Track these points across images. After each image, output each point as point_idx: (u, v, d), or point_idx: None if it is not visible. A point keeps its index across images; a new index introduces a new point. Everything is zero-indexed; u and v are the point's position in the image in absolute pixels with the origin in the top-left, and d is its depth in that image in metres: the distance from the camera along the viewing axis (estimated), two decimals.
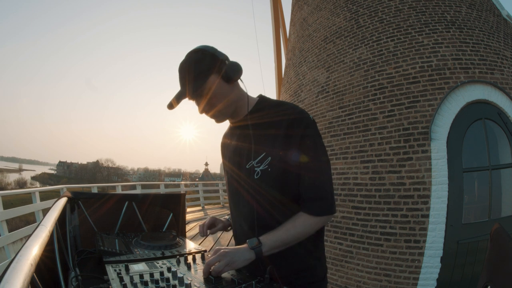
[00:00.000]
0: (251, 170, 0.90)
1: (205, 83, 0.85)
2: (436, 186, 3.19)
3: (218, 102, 0.88)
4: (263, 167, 0.87)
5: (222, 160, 1.11)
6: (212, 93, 0.86)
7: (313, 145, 0.86)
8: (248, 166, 0.91)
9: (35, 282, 0.51)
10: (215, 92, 0.87)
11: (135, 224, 1.45)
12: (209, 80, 0.85)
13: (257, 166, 0.88)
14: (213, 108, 0.89)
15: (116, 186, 8.27)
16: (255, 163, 0.89)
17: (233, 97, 0.91)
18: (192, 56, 0.87)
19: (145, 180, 74.35)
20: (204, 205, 10.12)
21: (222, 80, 0.87)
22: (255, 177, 0.88)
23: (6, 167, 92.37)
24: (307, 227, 0.85)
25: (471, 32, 3.75)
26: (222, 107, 0.90)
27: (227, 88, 0.88)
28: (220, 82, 0.87)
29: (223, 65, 0.86)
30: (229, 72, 0.86)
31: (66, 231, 1.19)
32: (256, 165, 0.89)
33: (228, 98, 0.89)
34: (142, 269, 0.84)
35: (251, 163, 0.90)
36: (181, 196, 1.57)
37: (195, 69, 0.85)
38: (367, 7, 4.29)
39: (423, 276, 3.06)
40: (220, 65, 0.86)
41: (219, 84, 0.87)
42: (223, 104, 0.89)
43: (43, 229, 0.69)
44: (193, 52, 0.87)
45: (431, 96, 3.44)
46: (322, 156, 0.87)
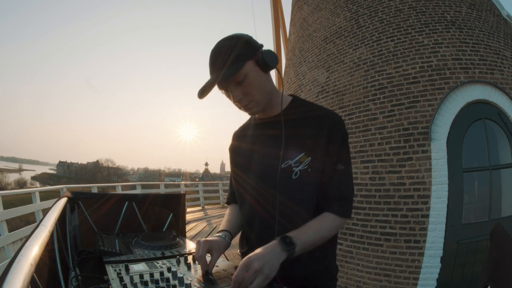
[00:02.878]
0: (288, 169, 0.86)
1: (241, 68, 0.79)
2: (436, 186, 3.19)
3: (254, 91, 0.83)
4: (302, 167, 0.84)
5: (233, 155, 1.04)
6: (248, 79, 0.81)
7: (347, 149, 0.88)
8: (284, 165, 0.86)
9: (35, 282, 0.51)
10: (252, 79, 0.82)
11: (135, 224, 1.45)
12: (246, 66, 0.80)
13: (295, 166, 0.85)
14: (248, 97, 0.84)
15: (116, 186, 8.28)
16: (293, 163, 0.85)
17: (269, 88, 0.87)
18: (226, 42, 0.82)
19: (145, 180, 74.36)
20: (204, 205, 10.12)
21: (259, 67, 0.83)
22: (293, 177, 0.85)
23: (6, 167, 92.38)
24: (333, 228, 0.85)
25: (471, 32, 3.75)
26: (258, 96, 0.85)
27: (264, 77, 0.84)
28: (257, 70, 0.82)
29: (260, 52, 0.82)
30: (267, 59, 0.82)
31: (66, 231, 1.19)
32: (294, 164, 0.85)
33: (264, 87, 0.85)
34: (142, 269, 0.84)
35: (288, 163, 0.86)
36: (181, 196, 1.57)
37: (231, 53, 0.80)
38: (367, 7, 4.29)
39: (423, 276, 3.06)
40: (255, 52, 0.82)
41: (256, 71, 0.82)
42: (260, 93, 0.84)
43: (43, 229, 0.69)
44: (227, 38, 0.83)
45: (431, 96, 3.44)
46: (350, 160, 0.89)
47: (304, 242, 0.77)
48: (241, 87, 0.82)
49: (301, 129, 0.88)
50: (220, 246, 0.86)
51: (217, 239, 0.88)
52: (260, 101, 0.86)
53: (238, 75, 0.80)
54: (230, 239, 0.92)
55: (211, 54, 0.83)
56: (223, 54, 0.80)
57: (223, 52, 0.80)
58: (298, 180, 0.85)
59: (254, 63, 0.82)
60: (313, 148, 0.85)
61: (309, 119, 0.88)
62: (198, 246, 0.81)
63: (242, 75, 0.80)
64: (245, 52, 0.81)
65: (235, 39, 0.82)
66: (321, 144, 0.84)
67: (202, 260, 0.79)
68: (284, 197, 0.86)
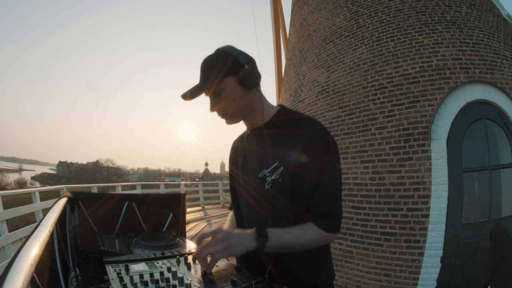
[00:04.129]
0: (263, 179, 0.88)
1: (219, 83, 0.85)
2: (436, 186, 3.19)
3: (228, 105, 0.88)
4: (274, 177, 0.86)
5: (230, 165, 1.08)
6: (224, 94, 0.86)
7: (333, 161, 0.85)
8: (260, 175, 0.89)
9: (35, 282, 0.51)
10: (228, 94, 0.86)
11: (135, 224, 1.45)
12: (224, 81, 0.85)
13: (268, 175, 0.87)
14: (223, 109, 0.89)
15: (116, 186, 8.27)
16: (267, 172, 0.87)
17: (246, 103, 0.89)
18: (214, 54, 0.87)
19: (145, 180, 74.37)
20: (204, 205, 10.12)
21: (238, 84, 0.86)
22: (266, 187, 0.87)
23: (6, 167, 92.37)
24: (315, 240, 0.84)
25: (471, 32, 3.75)
26: (232, 110, 0.89)
27: (242, 93, 0.87)
28: (236, 86, 0.86)
29: (242, 70, 0.85)
30: (246, 78, 0.85)
31: (66, 231, 1.19)
32: (268, 174, 0.87)
33: (240, 103, 0.88)
34: (142, 269, 0.84)
35: (264, 172, 0.88)
36: (181, 196, 1.57)
37: (213, 67, 0.85)
38: (367, 7, 4.29)
39: (423, 276, 3.06)
40: (238, 69, 0.85)
41: (234, 87, 0.86)
42: (234, 108, 0.89)
43: (43, 229, 0.69)
44: (218, 50, 0.88)
45: (431, 96, 3.44)
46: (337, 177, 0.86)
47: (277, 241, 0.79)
48: (217, 99, 0.88)
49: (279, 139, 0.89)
50: None
51: None
52: (232, 115, 0.90)
53: (215, 88, 0.86)
54: None
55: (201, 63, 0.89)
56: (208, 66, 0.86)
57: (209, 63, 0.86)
58: (271, 190, 0.86)
59: (235, 79, 0.86)
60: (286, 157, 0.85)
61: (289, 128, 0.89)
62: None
63: (219, 89, 0.86)
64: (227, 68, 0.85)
65: (223, 54, 0.86)
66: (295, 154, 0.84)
67: (202, 260, 0.79)
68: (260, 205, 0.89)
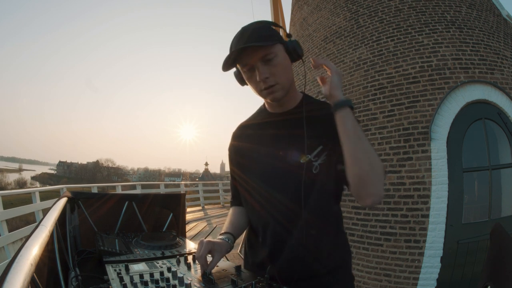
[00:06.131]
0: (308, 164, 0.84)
1: (273, 46, 0.79)
2: (436, 186, 3.19)
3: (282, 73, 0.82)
4: (321, 161, 0.84)
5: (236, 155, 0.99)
6: (278, 60, 0.80)
7: None
8: (303, 160, 0.84)
9: (35, 282, 0.51)
10: (281, 61, 0.81)
11: (135, 224, 1.45)
12: (276, 46, 0.80)
13: (314, 160, 0.84)
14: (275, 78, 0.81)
15: (116, 186, 8.28)
16: (312, 157, 0.84)
17: (292, 76, 0.87)
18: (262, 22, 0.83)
19: (145, 180, 74.34)
20: (204, 205, 10.12)
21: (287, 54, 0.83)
22: (314, 172, 0.83)
23: (6, 167, 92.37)
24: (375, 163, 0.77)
25: (471, 32, 3.75)
26: (284, 80, 0.83)
27: (289, 64, 0.84)
28: (286, 56, 0.83)
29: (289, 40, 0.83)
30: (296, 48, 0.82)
31: (66, 231, 1.19)
32: (313, 159, 0.84)
33: (290, 74, 0.85)
34: (142, 269, 0.84)
35: (308, 157, 0.84)
36: (181, 196, 1.57)
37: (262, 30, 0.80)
38: (367, 7, 4.28)
39: (423, 276, 3.06)
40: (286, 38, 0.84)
41: (284, 56, 0.82)
42: (286, 78, 0.83)
43: (43, 229, 0.69)
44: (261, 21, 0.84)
45: (431, 96, 3.44)
46: None
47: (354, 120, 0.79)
48: (268, 66, 0.79)
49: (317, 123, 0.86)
50: (222, 248, 0.84)
51: (220, 241, 0.86)
52: (284, 86, 0.83)
53: (268, 51, 0.78)
54: (233, 242, 0.90)
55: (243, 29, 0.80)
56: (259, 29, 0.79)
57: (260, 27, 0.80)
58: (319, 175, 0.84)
59: (283, 48, 0.82)
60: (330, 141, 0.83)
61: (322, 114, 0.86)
62: (200, 246, 0.81)
63: (272, 53, 0.79)
64: (276, 34, 0.81)
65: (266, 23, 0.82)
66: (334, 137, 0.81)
67: (202, 260, 0.79)
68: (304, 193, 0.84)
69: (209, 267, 0.79)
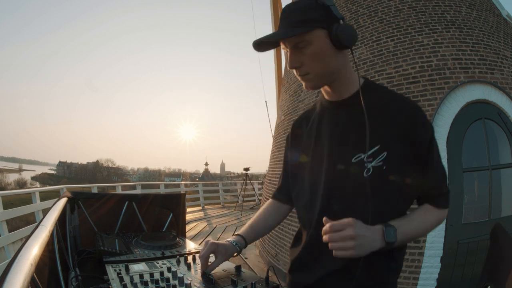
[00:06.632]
0: (360, 165, 0.72)
1: (306, 33, 0.70)
2: None
3: (313, 62, 0.72)
4: (376, 164, 0.71)
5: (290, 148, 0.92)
6: (312, 48, 0.71)
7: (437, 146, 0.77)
8: (355, 160, 0.73)
9: (35, 282, 0.51)
10: (316, 50, 0.71)
11: (135, 224, 1.45)
12: (313, 33, 0.70)
13: (367, 161, 0.72)
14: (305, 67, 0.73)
15: (116, 186, 8.28)
16: (366, 158, 0.72)
17: (334, 65, 0.74)
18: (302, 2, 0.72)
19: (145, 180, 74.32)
20: (204, 205, 10.12)
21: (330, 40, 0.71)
22: (365, 175, 0.72)
23: (6, 167, 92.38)
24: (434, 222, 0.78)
25: (471, 32, 3.75)
26: (317, 70, 0.73)
27: (331, 52, 0.72)
28: (327, 42, 0.71)
29: (336, 24, 0.70)
30: (339, 34, 0.70)
31: (66, 231, 1.19)
32: (366, 160, 0.72)
33: (327, 63, 0.73)
34: (142, 269, 0.84)
35: (360, 157, 0.73)
36: (181, 196, 1.57)
37: (302, 13, 0.71)
38: (367, 7, 4.29)
39: (423, 276, 3.06)
40: (332, 23, 0.71)
41: (324, 43, 0.71)
42: (319, 68, 0.73)
43: (43, 229, 0.69)
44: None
45: (431, 96, 3.44)
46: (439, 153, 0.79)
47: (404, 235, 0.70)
48: (300, 53, 0.72)
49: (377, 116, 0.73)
50: (226, 252, 0.82)
51: (225, 243, 0.84)
52: (319, 76, 0.74)
53: (300, 39, 0.71)
54: (241, 246, 0.86)
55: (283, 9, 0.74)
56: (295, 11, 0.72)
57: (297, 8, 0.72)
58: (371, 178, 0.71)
59: (325, 34, 0.71)
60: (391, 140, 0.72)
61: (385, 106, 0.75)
62: (205, 246, 0.82)
63: (304, 41, 0.71)
64: (318, 18, 0.70)
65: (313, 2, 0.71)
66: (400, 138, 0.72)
67: (203, 260, 0.79)
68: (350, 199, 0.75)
69: (208, 268, 0.79)
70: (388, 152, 0.71)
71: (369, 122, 0.72)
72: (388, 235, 0.67)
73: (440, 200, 0.79)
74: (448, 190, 0.81)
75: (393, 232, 0.68)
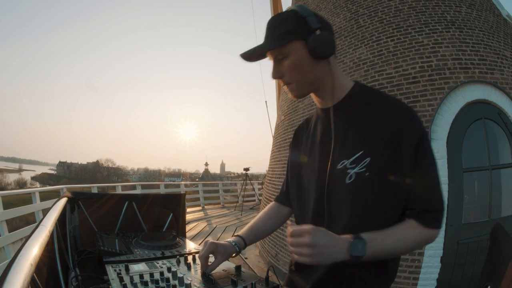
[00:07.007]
0: (343, 171, 0.72)
1: (284, 47, 0.73)
2: None
3: (293, 73, 0.75)
4: (358, 170, 0.70)
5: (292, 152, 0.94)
6: (290, 60, 0.74)
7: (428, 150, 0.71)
8: (340, 166, 0.73)
9: (35, 282, 0.51)
10: (293, 61, 0.74)
11: (135, 224, 1.45)
12: (290, 45, 0.73)
13: (350, 167, 0.72)
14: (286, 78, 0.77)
15: (116, 186, 8.28)
16: (348, 164, 0.72)
17: (314, 75, 0.76)
18: (283, 13, 0.75)
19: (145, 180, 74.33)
20: (204, 205, 10.12)
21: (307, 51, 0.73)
22: (347, 182, 0.71)
23: (6, 167, 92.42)
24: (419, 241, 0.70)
25: (471, 32, 3.75)
26: (297, 81, 0.76)
27: (309, 63, 0.74)
28: (304, 53, 0.73)
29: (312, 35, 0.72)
30: (315, 45, 0.71)
31: (66, 231, 1.19)
32: (349, 166, 0.72)
33: (306, 74, 0.75)
34: (142, 269, 0.84)
35: (344, 163, 0.73)
36: (181, 196, 1.57)
37: (279, 27, 0.74)
38: (367, 7, 4.29)
39: (423, 276, 3.06)
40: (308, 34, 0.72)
41: (301, 54, 0.73)
42: (299, 78, 0.76)
43: (43, 229, 0.69)
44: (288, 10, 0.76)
45: (431, 96, 3.44)
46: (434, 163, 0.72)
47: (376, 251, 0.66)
48: (280, 65, 0.76)
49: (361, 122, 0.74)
50: (226, 251, 0.83)
51: (225, 243, 0.85)
52: (299, 86, 0.77)
53: (278, 52, 0.74)
54: (240, 247, 0.88)
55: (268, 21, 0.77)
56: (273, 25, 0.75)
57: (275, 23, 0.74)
58: (353, 185, 0.71)
59: (303, 45, 0.73)
60: (374, 146, 0.70)
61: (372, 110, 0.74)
62: (204, 246, 0.82)
63: (282, 53, 0.74)
64: (295, 30, 0.72)
65: (293, 13, 0.74)
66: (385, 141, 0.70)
67: (203, 260, 0.80)
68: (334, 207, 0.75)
69: (208, 268, 0.80)
70: (372, 157, 0.70)
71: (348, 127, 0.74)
72: (354, 249, 0.64)
73: (427, 217, 0.70)
74: (440, 208, 0.71)
75: (361, 246, 0.64)
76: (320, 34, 0.72)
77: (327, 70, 0.77)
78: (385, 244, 0.67)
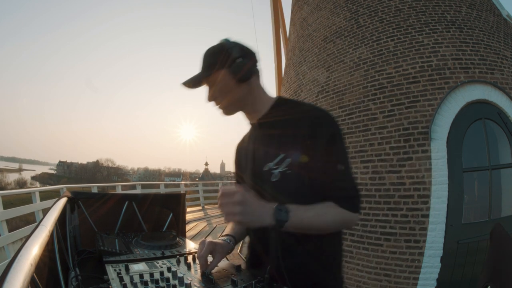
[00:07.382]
0: (268, 173, 0.84)
1: (211, 76, 0.87)
2: (436, 186, 3.19)
3: (220, 97, 0.89)
4: (282, 169, 0.82)
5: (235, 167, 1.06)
6: (216, 86, 0.88)
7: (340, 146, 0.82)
8: (265, 169, 0.85)
9: (35, 282, 0.51)
10: (219, 87, 0.87)
11: (135, 224, 1.45)
12: (215, 74, 0.87)
13: (274, 168, 0.83)
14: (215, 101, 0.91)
15: (116, 186, 8.28)
16: (273, 165, 0.83)
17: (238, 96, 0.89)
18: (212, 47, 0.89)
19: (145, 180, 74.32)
20: (204, 205, 10.12)
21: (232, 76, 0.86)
22: (272, 180, 0.83)
23: (6, 167, 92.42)
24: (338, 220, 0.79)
25: (471, 32, 3.75)
26: (224, 102, 0.90)
27: (233, 86, 0.87)
28: (228, 78, 0.86)
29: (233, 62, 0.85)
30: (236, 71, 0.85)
31: (66, 231, 1.19)
32: (273, 167, 0.83)
33: (232, 95, 0.88)
34: (142, 269, 0.84)
35: (268, 166, 0.84)
36: (181, 196, 1.57)
37: (208, 59, 0.88)
38: (367, 7, 4.28)
39: (423, 276, 3.06)
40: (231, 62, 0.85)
41: (226, 80, 0.86)
42: (226, 100, 0.89)
43: (43, 229, 0.69)
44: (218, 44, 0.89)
45: (431, 96, 3.44)
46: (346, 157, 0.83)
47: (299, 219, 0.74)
48: (211, 90, 0.90)
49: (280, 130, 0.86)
50: (223, 249, 0.87)
51: (221, 242, 0.89)
52: (227, 106, 0.91)
53: (207, 80, 0.89)
54: (234, 244, 0.93)
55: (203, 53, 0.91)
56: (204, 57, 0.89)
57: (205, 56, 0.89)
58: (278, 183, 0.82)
59: (227, 72, 0.86)
60: (292, 148, 0.81)
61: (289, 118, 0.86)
62: (202, 245, 0.83)
63: (209, 81, 0.88)
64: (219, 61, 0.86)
65: (218, 46, 0.88)
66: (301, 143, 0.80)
67: (203, 260, 0.80)
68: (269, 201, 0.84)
69: (209, 268, 0.80)
70: (292, 158, 0.81)
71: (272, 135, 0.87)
72: (278, 213, 0.72)
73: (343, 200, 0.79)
74: (354, 194, 0.81)
75: (284, 212, 0.72)
76: (240, 62, 0.85)
77: (250, 90, 0.89)
78: (306, 216, 0.75)
